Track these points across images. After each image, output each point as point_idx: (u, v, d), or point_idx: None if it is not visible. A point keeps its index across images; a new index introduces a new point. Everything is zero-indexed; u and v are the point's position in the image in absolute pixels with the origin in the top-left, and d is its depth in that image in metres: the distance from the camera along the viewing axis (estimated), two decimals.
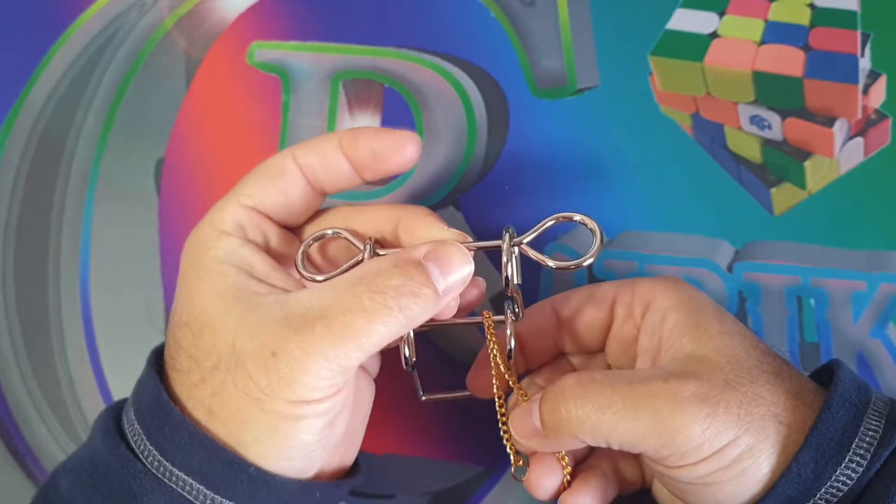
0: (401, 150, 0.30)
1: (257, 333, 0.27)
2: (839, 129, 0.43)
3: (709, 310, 0.31)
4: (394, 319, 0.27)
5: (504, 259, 0.29)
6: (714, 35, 0.44)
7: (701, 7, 0.44)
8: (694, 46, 0.44)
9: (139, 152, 0.43)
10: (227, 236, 0.29)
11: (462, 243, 0.29)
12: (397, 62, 0.44)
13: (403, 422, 0.40)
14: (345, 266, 0.30)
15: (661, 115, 0.43)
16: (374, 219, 0.31)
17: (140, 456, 0.27)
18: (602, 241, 0.29)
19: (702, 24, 0.44)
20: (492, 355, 0.30)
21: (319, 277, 0.30)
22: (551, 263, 0.29)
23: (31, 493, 0.36)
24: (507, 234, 0.29)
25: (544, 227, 0.30)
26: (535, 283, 0.42)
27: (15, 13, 0.45)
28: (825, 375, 0.31)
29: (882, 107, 0.43)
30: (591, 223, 0.30)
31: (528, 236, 0.30)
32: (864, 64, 0.43)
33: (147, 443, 0.27)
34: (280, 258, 0.31)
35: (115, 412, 0.30)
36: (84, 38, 0.45)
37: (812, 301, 0.41)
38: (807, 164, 0.43)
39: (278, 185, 0.30)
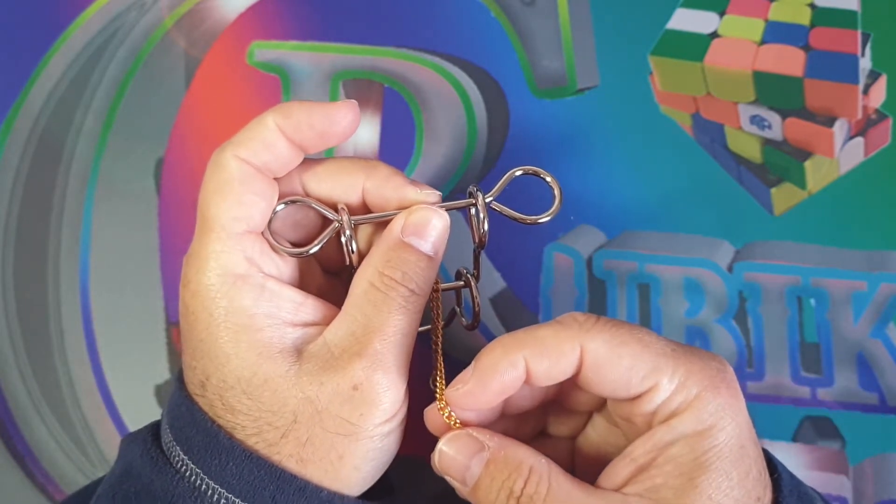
0: (340, 121, 0.29)
1: (326, 378, 0.27)
2: (839, 129, 0.43)
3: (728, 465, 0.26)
4: (418, 300, 0.29)
5: (481, 215, 0.30)
6: (714, 35, 0.44)
7: (701, 7, 0.44)
8: (694, 46, 0.44)
9: (139, 152, 0.43)
10: (243, 281, 0.28)
11: (434, 204, 0.30)
12: (397, 62, 0.44)
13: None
14: (324, 235, 0.30)
15: (661, 115, 0.43)
16: (337, 181, 0.30)
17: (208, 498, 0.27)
18: (560, 202, 0.31)
19: (702, 23, 0.44)
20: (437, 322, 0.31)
21: (296, 250, 0.29)
22: (515, 215, 0.31)
23: (31, 493, 0.36)
24: (479, 193, 0.30)
25: (509, 179, 0.31)
26: (536, 282, 0.42)
27: (15, 13, 0.45)
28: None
29: (882, 107, 0.43)
30: (555, 184, 0.31)
31: (495, 193, 0.31)
32: (865, 64, 0.43)
33: (212, 483, 0.27)
34: (291, 273, 0.30)
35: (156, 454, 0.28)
36: (84, 38, 0.45)
37: (812, 301, 0.41)
38: (807, 164, 0.43)
39: (251, 195, 0.28)
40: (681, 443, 0.26)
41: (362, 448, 0.27)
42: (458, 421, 0.28)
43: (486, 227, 0.30)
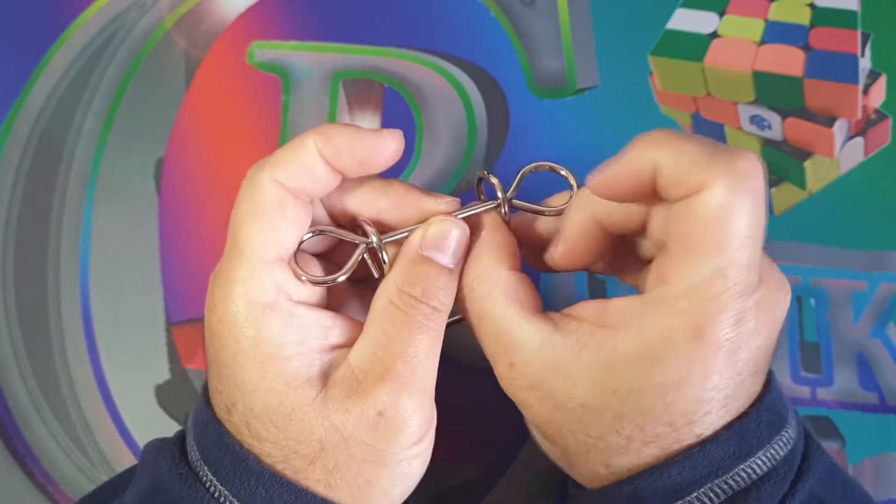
0: (383, 151, 0.28)
1: (351, 405, 0.26)
2: (839, 129, 0.43)
3: None
4: (440, 317, 0.28)
5: (507, 217, 0.30)
6: (714, 35, 0.44)
7: (701, 7, 0.44)
8: (694, 46, 0.44)
9: (139, 152, 0.43)
10: (272, 310, 0.27)
11: (455, 213, 0.29)
12: (397, 62, 0.44)
13: None
14: (352, 262, 0.29)
15: (661, 115, 0.43)
16: (355, 202, 0.30)
17: None
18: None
19: (702, 24, 0.44)
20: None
21: (323, 278, 0.29)
22: (537, 208, 0.31)
23: (31, 493, 0.36)
24: (492, 176, 0.30)
25: (524, 177, 0.31)
26: (535, 282, 0.42)
27: (15, 13, 0.45)
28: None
29: (882, 107, 0.43)
30: (569, 175, 0.31)
31: (513, 190, 0.31)
32: (864, 64, 0.43)
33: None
34: (320, 291, 0.30)
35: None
36: (84, 38, 0.45)
37: (812, 301, 0.41)
38: (807, 164, 0.43)
39: (285, 221, 0.28)
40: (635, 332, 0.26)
41: (390, 472, 0.27)
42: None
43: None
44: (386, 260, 0.29)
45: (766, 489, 0.25)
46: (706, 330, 0.24)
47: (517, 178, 0.31)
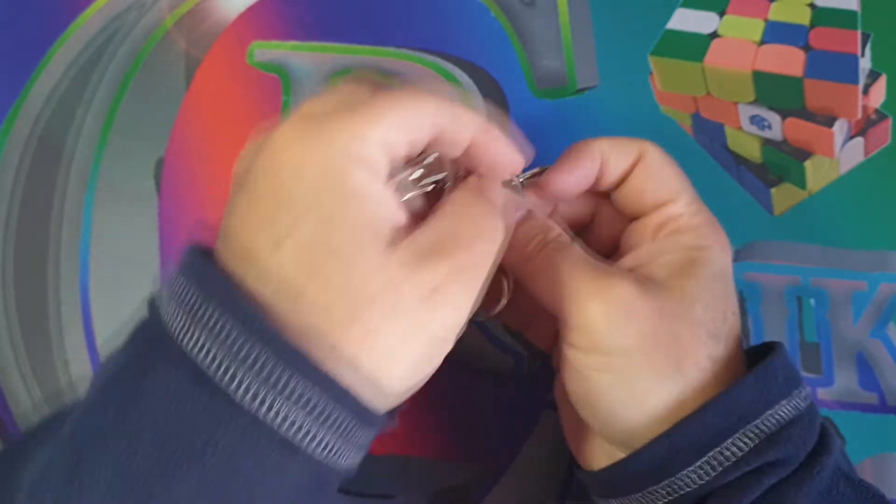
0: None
1: (410, 272, 0.26)
2: (839, 129, 0.43)
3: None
4: (505, 227, 0.29)
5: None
6: (714, 35, 0.44)
7: (701, 7, 0.44)
8: (694, 46, 0.44)
9: (139, 152, 0.43)
10: (374, 168, 0.26)
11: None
12: (397, 62, 0.44)
13: (404, 422, 0.40)
14: (441, 173, 0.30)
15: (661, 115, 0.43)
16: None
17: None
18: None
19: (702, 24, 0.44)
20: None
21: (428, 179, 0.30)
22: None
23: None
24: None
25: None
26: None
27: (15, 13, 0.45)
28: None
29: (882, 107, 0.43)
30: None
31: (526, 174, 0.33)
32: (865, 64, 0.43)
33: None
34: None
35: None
36: (84, 38, 0.45)
37: (812, 301, 0.41)
38: (807, 164, 0.43)
39: (417, 135, 0.28)
40: (680, 252, 0.31)
41: (418, 353, 0.27)
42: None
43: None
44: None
45: (795, 432, 0.28)
46: (703, 249, 0.32)
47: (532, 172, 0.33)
